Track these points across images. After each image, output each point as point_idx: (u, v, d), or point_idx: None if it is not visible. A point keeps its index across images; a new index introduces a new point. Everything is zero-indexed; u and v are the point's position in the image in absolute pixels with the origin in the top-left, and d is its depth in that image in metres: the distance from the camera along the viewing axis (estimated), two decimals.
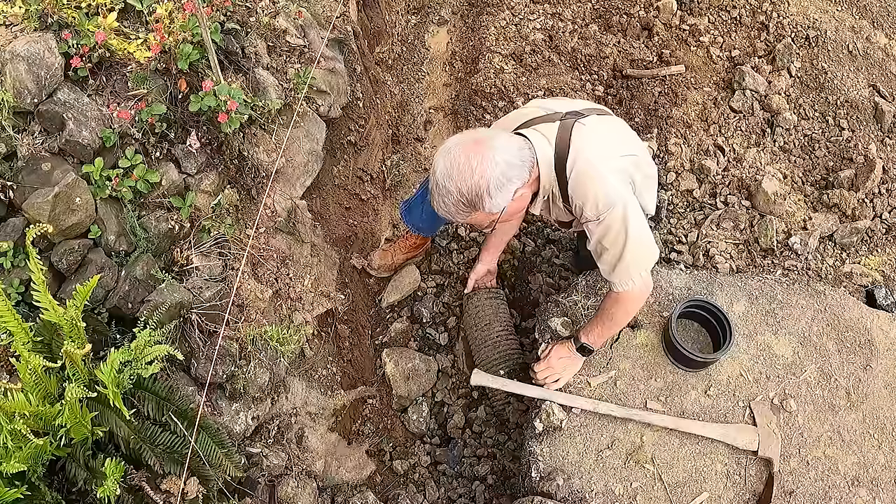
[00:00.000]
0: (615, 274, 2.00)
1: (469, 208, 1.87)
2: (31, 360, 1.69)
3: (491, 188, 1.82)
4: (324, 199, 3.04)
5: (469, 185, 1.81)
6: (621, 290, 2.03)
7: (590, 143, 1.96)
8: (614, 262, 1.98)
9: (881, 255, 2.76)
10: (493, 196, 1.84)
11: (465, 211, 1.89)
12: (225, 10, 2.44)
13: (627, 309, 2.13)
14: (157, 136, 2.25)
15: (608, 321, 2.15)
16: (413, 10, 4.01)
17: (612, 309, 2.12)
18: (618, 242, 1.94)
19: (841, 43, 3.23)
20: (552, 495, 2.14)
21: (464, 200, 1.85)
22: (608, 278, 2.04)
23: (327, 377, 2.74)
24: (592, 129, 2.01)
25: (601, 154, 1.98)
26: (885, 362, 2.32)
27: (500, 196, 1.85)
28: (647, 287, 2.07)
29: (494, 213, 1.90)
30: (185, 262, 2.29)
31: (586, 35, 3.55)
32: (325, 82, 2.85)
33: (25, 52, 2.00)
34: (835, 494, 2.11)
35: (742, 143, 3.10)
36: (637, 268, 1.99)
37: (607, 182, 1.93)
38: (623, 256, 1.96)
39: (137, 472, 1.84)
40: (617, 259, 1.97)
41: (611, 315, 2.13)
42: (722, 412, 2.23)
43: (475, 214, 1.91)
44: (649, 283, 2.07)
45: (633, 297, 2.07)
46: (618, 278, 2.01)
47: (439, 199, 1.88)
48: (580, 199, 1.94)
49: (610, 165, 1.98)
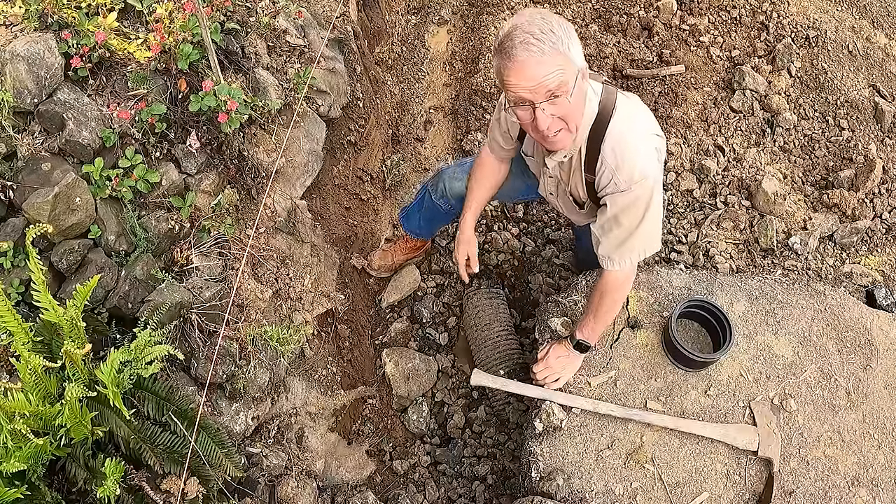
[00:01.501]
0: (618, 250, 1.95)
1: (563, 47, 1.62)
2: (31, 360, 1.69)
3: (571, 33, 1.65)
4: (324, 199, 3.04)
5: (552, 24, 1.62)
6: (611, 268, 1.99)
7: (634, 112, 1.90)
8: (624, 237, 1.92)
9: (881, 255, 2.76)
10: (574, 42, 1.65)
11: (558, 50, 1.61)
12: (225, 10, 2.44)
13: (615, 297, 2.09)
14: (157, 136, 2.25)
15: (598, 312, 2.13)
16: (413, 10, 4.01)
17: (601, 299, 2.09)
18: (635, 219, 1.88)
19: (841, 43, 3.23)
20: (552, 495, 2.14)
21: (553, 38, 1.60)
22: (605, 255, 1.98)
23: (327, 377, 2.74)
24: (635, 102, 1.96)
25: (645, 126, 1.91)
26: (885, 362, 2.32)
27: (577, 48, 1.67)
28: (632, 273, 2.04)
29: (577, 69, 1.68)
30: (185, 262, 2.29)
31: (586, 35, 3.55)
32: (325, 82, 2.85)
33: (25, 52, 2.00)
34: (835, 494, 2.11)
35: (742, 143, 3.10)
36: (640, 249, 1.95)
37: (648, 154, 1.85)
38: (634, 234, 1.90)
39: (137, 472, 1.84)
40: (627, 235, 1.91)
41: (600, 305, 2.11)
42: (722, 412, 2.23)
43: (564, 64, 1.63)
44: (635, 270, 2.05)
45: (620, 282, 2.04)
46: (619, 255, 1.96)
47: (522, 47, 1.60)
48: (615, 161, 1.83)
49: (650, 141, 1.91)
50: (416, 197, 2.81)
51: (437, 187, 2.62)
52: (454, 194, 2.56)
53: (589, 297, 2.18)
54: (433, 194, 2.64)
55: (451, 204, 2.61)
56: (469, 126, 3.48)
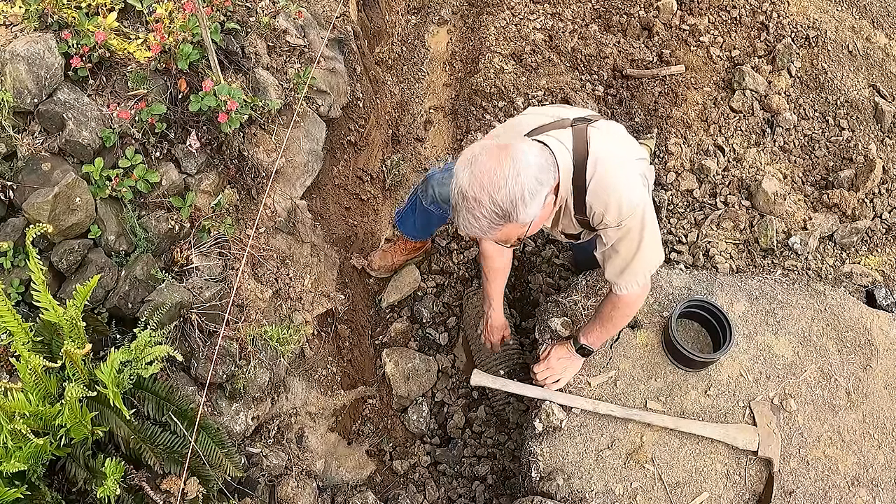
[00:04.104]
0: (622, 276, 1.97)
1: (503, 220, 1.67)
2: (31, 360, 1.69)
3: (526, 194, 1.65)
4: (324, 199, 3.04)
5: (504, 193, 1.62)
6: (624, 292, 2.01)
7: (608, 147, 1.88)
8: (624, 265, 1.94)
9: (881, 255, 2.76)
10: (528, 204, 1.66)
11: (499, 224, 1.67)
12: (225, 10, 2.44)
13: (627, 312, 2.12)
14: (157, 136, 2.25)
15: (607, 323, 2.15)
16: (413, 10, 4.01)
17: (612, 312, 2.11)
18: (632, 247, 1.90)
19: (841, 43, 3.23)
20: (552, 495, 2.14)
21: (498, 211, 1.64)
22: (613, 280, 2.01)
23: (327, 377, 2.74)
24: (607, 131, 1.95)
25: (621, 157, 1.91)
26: (885, 362, 2.32)
27: (534, 203, 1.68)
28: (647, 289, 2.06)
29: (526, 224, 1.72)
30: (185, 262, 2.29)
31: (586, 35, 3.55)
32: (325, 82, 2.85)
33: (25, 52, 2.00)
34: (835, 494, 2.11)
35: (742, 143, 3.10)
36: (644, 271, 1.97)
37: (630, 186, 1.85)
38: (634, 260, 1.92)
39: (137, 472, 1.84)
40: (628, 263, 1.93)
41: (610, 317, 2.13)
42: (722, 412, 2.23)
43: (507, 227, 1.70)
44: (649, 285, 2.06)
45: (633, 299, 2.06)
46: (624, 281, 1.98)
47: (467, 216, 1.66)
48: (601, 205, 1.85)
49: (630, 168, 1.91)
50: (407, 201, 2.81)
51: (426, 193, 2.61)
52: (444, 199, 2.55)
53: (600, 306, 2.18)
54: (424, 200, 2.64)
55: (443, 208, 2.60)
56: (469, 126, 3.48)
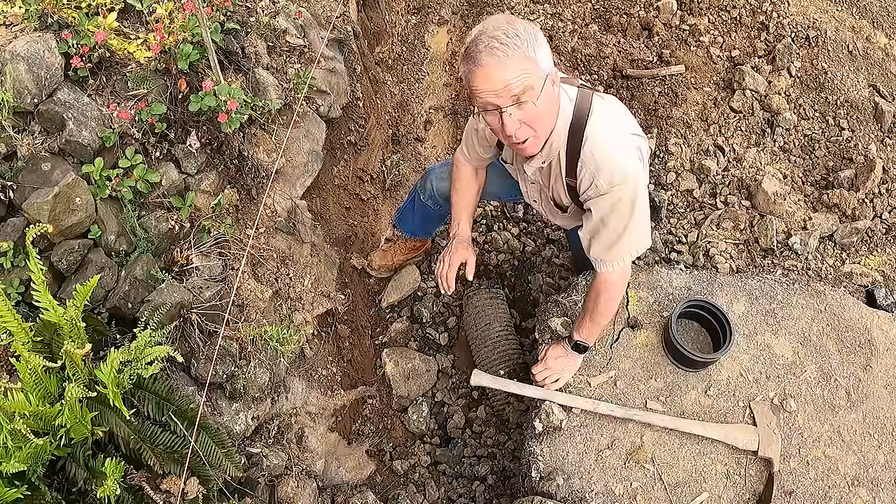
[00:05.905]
0: (608, 253, 1.94)
1: (528, 51, 1.62)
2: (31, 360, 1.69)
3: (539, 35, 1.65)
4: (324, 199, 3.04)
5: (521, 26, 1.63)
6: (605, 269, 1.99)
7: (611, 113, 1.88)
8: (613, 239, 1.91)
9: (881, 255, 2.76)
10: (542, 46, 1.65)
11: (523, 54, 1.62)
12: (225, 10, 2.44)
13: (611, 295, 2.08)
14: (157, 136, 2.25)
15: (594, 312, 2.12)
16: (413, 10, 4.01)
17: (598, 298, 2.08)
18: (622, 221, 1.87)
19: (841, 43, 3.23)
20: (552, 495, 2.14)
21: (522, 38, 1.61)
22: (600, 257, 1.97)
23: (327, 377, 2.74)
24: (612, 102, 1.95)
25: (622, 126, 1.90)
26: (885, 362, 2.32)
27: (545, 50, 1.66)
28: (627, 272, 2.04)
29: (542, 76, 1.67)
30: (185, 262, 2.29)
31: (586, 35, 3.55)
32: (325, 82, 2.85)
33: (25, 52, 2.00)
34: (835, 494, 2.11)
35: (742, 143, 3.10)
36: (630, 249, 1.95)
37: (626, 153, 1.83)
38: (623, 235, 1.89)
39: (137, 472, 1.84)
40: (616, 237, 1.90)
41: (596, 305, 2.10)
42: (722, 412, 2.23)
43: (530, 68, 1.64)
44: (629, 269, 2.05)
45: (614, 281, 2.03)
46: (608, 257, 1.95)
47: (488, 47, 1.60)
48: (594, 165, 1.82)
49: (630, 141, 1.89)
50: (407, 198, 2.82)
51: (424, 188, 2.62)
52: (442, 194, 2.56)
53: (585, 298, 2.18)
54: (422, 195, 2.65)
55: (440, 204, 2.62)
56: None
